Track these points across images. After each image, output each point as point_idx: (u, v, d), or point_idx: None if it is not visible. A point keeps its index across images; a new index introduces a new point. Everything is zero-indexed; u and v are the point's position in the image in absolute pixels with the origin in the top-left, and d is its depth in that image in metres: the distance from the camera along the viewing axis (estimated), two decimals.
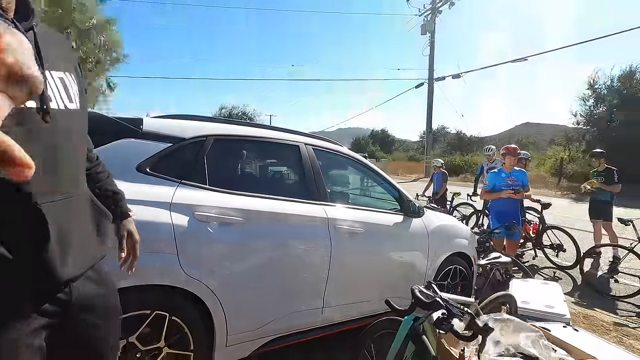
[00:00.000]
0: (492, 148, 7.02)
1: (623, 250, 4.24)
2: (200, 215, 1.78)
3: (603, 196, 5.34)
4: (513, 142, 7.64)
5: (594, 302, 3.86)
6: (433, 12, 23.14)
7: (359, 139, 48.00)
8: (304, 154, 2.37)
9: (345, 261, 2.34)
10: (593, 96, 18.91)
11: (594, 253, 4.57)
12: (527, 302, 2.64)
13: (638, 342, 3.02)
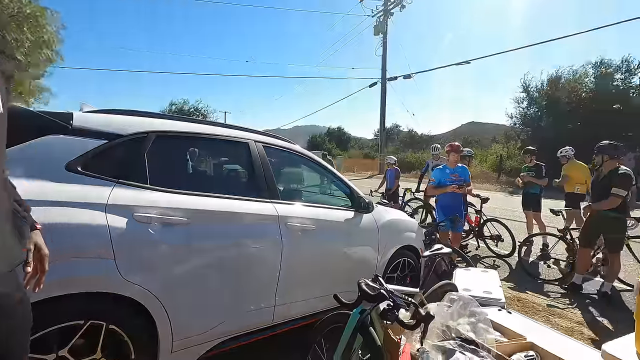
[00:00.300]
0: (438, 147, 7.41)
1: (553, 237, 4.68)
2: (140, 217, 1.68)
3: (533, 189, 5.88)
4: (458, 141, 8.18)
5: (527, 286, 4.24)
6: (385, 13, 23.86)
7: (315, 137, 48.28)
8: (254, 151, 2.33)
9: (296, 258, 2.34)
10: (526, 99, 20.71)
11: (528, 242, 5.01)
12: (468, 289, 2.83)
13: (562, 320, 3.37)
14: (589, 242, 4.04)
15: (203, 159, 2.83)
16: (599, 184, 3.96)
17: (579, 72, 19.39)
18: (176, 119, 2.19)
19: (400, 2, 23.27)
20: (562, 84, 19.39)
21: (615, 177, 3.79)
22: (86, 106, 2.00)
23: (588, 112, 17.38)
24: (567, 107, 18.28)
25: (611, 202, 3.73)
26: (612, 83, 18.30)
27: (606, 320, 3.42)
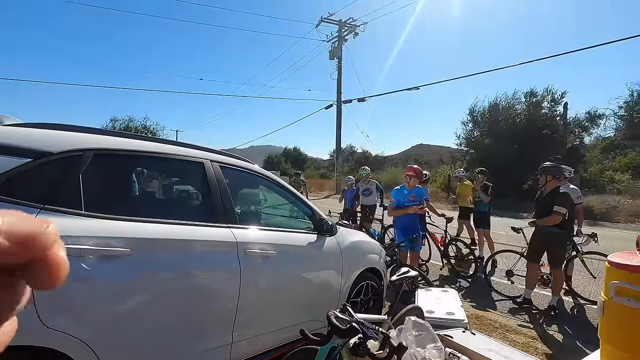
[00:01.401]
0: (367, 169, 7.52)
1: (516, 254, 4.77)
2: (70, 249, 1.42)
3: (483, 208, 6.19)
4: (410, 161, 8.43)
5: (484, 303, 4.34)
6: (339, 39, 24.79)
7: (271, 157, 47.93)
8: (210, 172, 2.14)
9: (257, 287, 2.15)
10: (471, 122, 22.36)
11: (490, 260, 5.12)
12: (432, 312, 2.80)
13: (518, 336, 3.45)
14: (536, 257, 4.26)
15: (151, 181, 2.56)
16: (542, 202, 4.23)
17: (514, 99, 21.41)
18: (119, 135, 1.95)
19: (353, 30, 24.36)
20: (501, 110, 21.24)
21: (557, 195, 4.07)
22: (7, 118, 1.71)
23: (522, 136, 19.11)
24: (505, 130, 19.98)
25: (553, 219, 3.98)
26: (541, 110, 20.41)
27: (557, 333, 3.57)
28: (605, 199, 14.02)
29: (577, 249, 4.41)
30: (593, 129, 22.35)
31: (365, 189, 7.33)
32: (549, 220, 4.01)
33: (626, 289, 1.28)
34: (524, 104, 20.97)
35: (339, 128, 26.15)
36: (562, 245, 4.19)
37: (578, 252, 4.39)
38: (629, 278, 1.27)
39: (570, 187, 4.78)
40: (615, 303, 1.32)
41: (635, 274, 1.25)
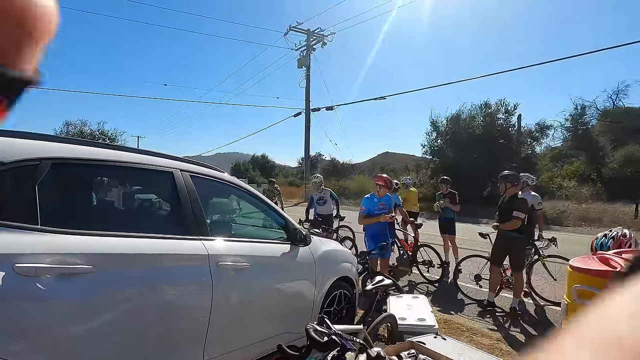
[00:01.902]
0: (319, 177, 7.28)
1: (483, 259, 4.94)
2: (23, 268, 1.29)
3: (448, 215, 6.43)
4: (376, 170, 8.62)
5: (451, 308, 4.48)
6: (308, 48, 25.04)
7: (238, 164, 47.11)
8: (180, 182, 2.05)
9: (229, 301, 2.07)
10: (434, 132, 23.29)
11: (460, 265, 5.29)
12: (404, 319, 2.85)
13: (484, 338, 3.59)
14: (498, 261, 4.47)
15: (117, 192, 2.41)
16: (503, 208, 4.47)
17: (473, 111, 22.62)
18: (81, 143, 1.83)
19: (321, 40, 24.71)
20: (461, 121, 22.33)
21: (516, 201, 4.31)
22: None
23: (481, 145, 20.18)
24: (466, 140, 21.01)
25: (513, 224, 4.21)
26: (497, 121, 21.70)
27: (520, 334, 3.75)
28: (555, 204, 15.08)
29: (539, 253, 4.67)
30: (543, 139, 24.16)
31: (319, 197, 7.01)
32: (510, 225, 4.23)
33: (588, 292, 1.35)
34: (481, 116, 22.21)
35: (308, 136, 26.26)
36: (521, 250, 4.43)
37: (540, 256, 4.66)
38: (590, 282, 1.34)
39: (532, 194, 5.08)
40: (577, 305, 1.39)
41: (596, 277, 1.33)
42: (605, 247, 2.16)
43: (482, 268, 4.90)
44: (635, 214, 12.94)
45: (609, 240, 2.19)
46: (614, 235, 2.20)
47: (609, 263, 1.41)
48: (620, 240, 2.17)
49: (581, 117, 22.84)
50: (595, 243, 2.27)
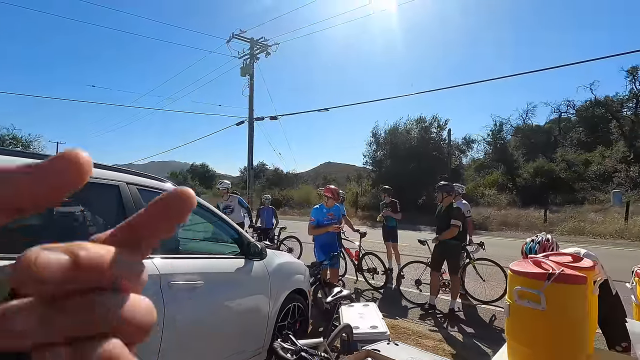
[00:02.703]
0: (226, 183, 6.96)
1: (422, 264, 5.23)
2: None
3: (391, 223, 6.76)
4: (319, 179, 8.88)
5: (396, 313, 4.68)
6: (251, 57, 24.80)
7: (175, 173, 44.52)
8: (127, 197, 1.90)
9: (183, 323, 1.95)
10: (375, 143, 24.43)
11: (401, 271, 5.54)
12: (357, 327, 2.91)
13: (428, 340, 3.81)
14: (437, 266, 4.81)
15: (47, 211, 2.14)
16: (440, 217, 4.83)
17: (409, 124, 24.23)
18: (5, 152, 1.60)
19: (265, 49, 24.65)
20: (399, 133, 23.76)
21: (452, 210, 4.69)
22: None
23: (416, 157, 21.64)
24: (403, 152, 22.37)
25: (452, 232, 4.57)
26: (430, 135, 23.51)
27: (458, 334, 4.05)
28: (480, 210, 16.66)
29: (470, 257, 5.11)
30: (469, 152, 26.68)
31: (226, 206, 6.52)
32: (449, 234, 4.58)
33: (526, 293, 1.50)
34: (416, 129, 23.88)
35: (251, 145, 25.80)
36: (457, 254, 4.82)
37: (471, 259, 5.09)
38: (528, 283, 1.50)
39: (463, 202, 5.56)
40: (518, 305, 1.55)
41: (533, 279, 1.49)
42: (533, 251, 2.45)
43: (421, 273, 5.22)
44: (545, 218, 14.80)
45: (536, 244, 2.50)
46: (540, 240, 2.52)
47: (541, 266, 1.58)
48: (545, 245, 2.49)
49: (499, 133, 25.69)
50: (525, 248, 2.57)
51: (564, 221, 14.20)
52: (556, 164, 21.68)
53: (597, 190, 18.89)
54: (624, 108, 22.62)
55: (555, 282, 1.38)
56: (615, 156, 20.45)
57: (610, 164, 20.14)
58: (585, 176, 20.57)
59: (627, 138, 20.97)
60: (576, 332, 1.42)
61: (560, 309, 1.42)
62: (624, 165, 19.31)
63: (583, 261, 1.57)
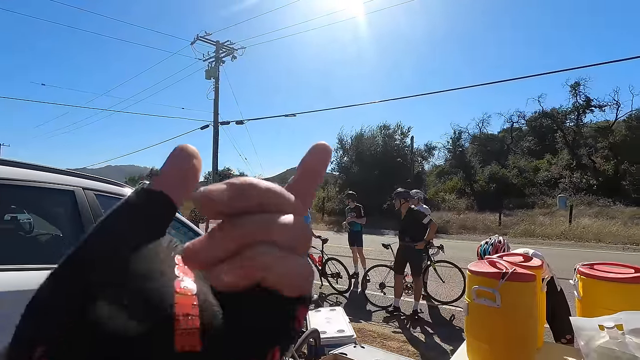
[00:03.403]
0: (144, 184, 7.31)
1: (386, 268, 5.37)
2: None
3: (356, 228, 6.87)
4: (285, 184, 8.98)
5: (360, 316, 4.76)
6: (217, 60, 24.33)
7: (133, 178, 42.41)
8: (83, 203, 1.79)
9: None
10: (341, 149, 24.76)
11: (366, 275, 5.63)
12: (325, 332, 2.94)
13: (393, 342, 3.90)
14: (400, 269, 4.95)
15: None
16: (403, 222, 4.97)
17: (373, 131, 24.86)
18: None
19: (231, 53, 24.30)
20: (364, 140, 24.29)
21: (415, 213, 4.87)
22: None
23: (381, 163, 22.22)
24: (368, 157, 22.89)
25: (433, 228, 4.73)
26: (394, 142, 24.26)
27: (421, 334, 4.18)
28: (441, 215, 17.38)
29: (430, 259, 5.31)
30: (430, 158, 27.80)
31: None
32: (432, 234, 4.76)
33: (483, 292, 1.59)
34: (380, 136, 24.55)
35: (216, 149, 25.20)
36: (419, 257, 4.98)
37: (431, 262, 5.29)
38: (485, 283, 1.60)
39: (424, 207, 5.78)
40: (477, 304, 1.63)
41: (489, 279, 1.58)
42: (487, 253, 2.61)
43: (385, 276, 5.35)
44: (499, 221, 15.72)
45: (489, 246, 2.66)
46: (493, 242, 2.68)
47: (496, 265, 1.69)
48: (497, 246, 2.66)
49: (458, 140, 27.01)
50: (480, 250, 2.73)
51: (517, 224, 15.16)
52: (509, 170, 23.15)
53: (545, 195, 20.38)
54: (567, 119, 24.64)
55: (509, 280, 1.48)
56: (561, 163, 22.22)
57: (556, 171, 21.84)
58: (534, 182, 22.14)
59: (571, 147, 22.87)
60: (528, 327, 1.52)
61: (513, 305, 1.52)
62: (568, 172, 21.04)
63: (532, 260, 1.70)
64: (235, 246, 0.19)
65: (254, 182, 0.21)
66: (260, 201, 0.21)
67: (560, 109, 24.77)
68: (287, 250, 0.20)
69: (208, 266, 0.20)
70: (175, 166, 0.22)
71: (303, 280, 0.20)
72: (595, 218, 14.45)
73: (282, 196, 0.22)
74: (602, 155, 21.34)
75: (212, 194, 0.20)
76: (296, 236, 0.21)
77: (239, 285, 0.19)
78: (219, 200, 0.20)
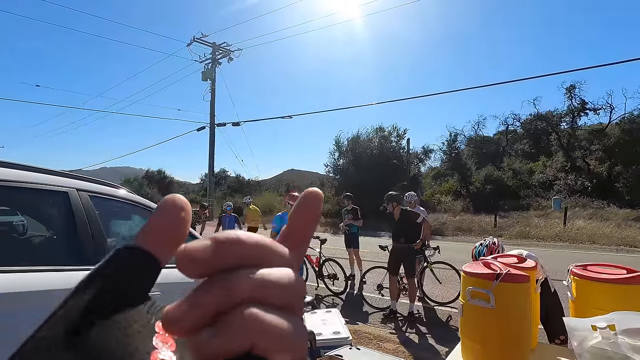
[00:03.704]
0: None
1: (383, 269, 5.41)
2: None
3: (353, 229, 6.88)
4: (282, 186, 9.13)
5: (357, 318, 4.75)
6: (213, 62, 24.31)
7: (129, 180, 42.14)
8: (77, 204, 1.78)
9: None
10: (337, 151, 24.79)
11: (363, 277, 5.65)
12: (320, 334, 2.93)
13: (389, 343, 3.90)
14: (395, 270, 4.95)
15: None
16: (397, 224, 4.97)
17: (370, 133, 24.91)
18: None
19: (228, 55, 24.29)
20: (360, 142, 24.33)
21: (408, 213, 4.89)
22: None
23: (378, 165, 22.26)
24: (365, 159, 22.92)
25: (427, 228, 4.77)
26: (390, 144, 24.32)
27: (417, 336, 4.19)
28: (437, 216, 17.43)
29: (427, 260, 5.32)
30: (426, 160, 27.92)
31: None
32: (427, 232, 4.82)
33: (477, 293, 1.60)
34: (377, 138, 24.61)
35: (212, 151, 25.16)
36: (412, 258, 4.97)
37: (428, 263, 5.30)
38: (479, 284, 1.60)
39: (420, 209, 5.80)
40: (471, 305, 1.64)
41: (484, 280, 1.59)
42: (481, 254, 2.62)
43: (383, 278, 5.35)
44: (495, 223, 15.79)
45: (484, 248, 2.68)
46: (487, 244, 2.70)
47: (490, 267, 1.69)
48: (492, 248, 2.68)
49: (454, 143, 27.13)
50: (475, 251, 2.74)
51: (512, 226, 15.24)
52: (504, 172, 23.29)
53: (540, 197, 20.51)
54: (562, 122, 24.85)
55: (503, 281, 1.49)
56: (555, 166, 22.39)
57: (551, 173, 22.00)
58: (529, 184, 22.29)
59: (565, 149, 23.06)
60: (521, 328, 1.53)
61: (507, 306, 1.53)
62: (562, 174, 21.20)
63: (526, 262, 1.71)
64: (221, 307, 0.17)
65: (242, 237, 0.19)
66: (250, 258, 0.19)
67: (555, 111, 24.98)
68: (281, 310, 0.18)
69: (190, 333, 0.17)
70: (163, 220, 0.20)
71: (298, 345, 0.18)
72: (590, 220, 14.56)
73: (274, 250, 0.20)
74: (596, 158, 21.53)
75: (195, 254, 0.18)
76: (291, 294, 0.19)
77: (225, 354, 0.17)
78: (202, 260, 0.18)
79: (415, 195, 6.18)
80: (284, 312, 0.18)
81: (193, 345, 0.17)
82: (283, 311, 0.18)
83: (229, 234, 0.19)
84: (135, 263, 0.19)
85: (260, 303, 0.18)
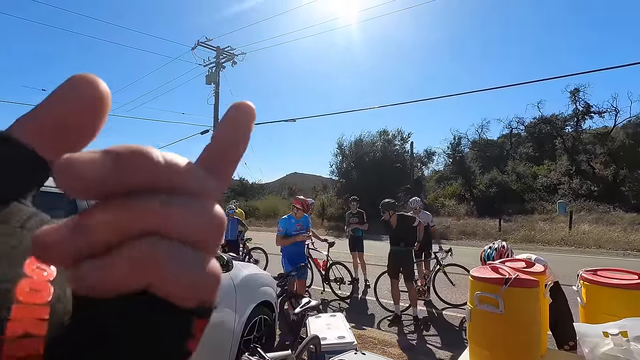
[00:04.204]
0: None
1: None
2: None
3: (357, 233, 6.86)
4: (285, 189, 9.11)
5: (363, 322, 4.72)
6: (217, 65, 24.45)
7: None
8: (82, 205, 1.78)
9: None
10: (340, 154, 24.80)
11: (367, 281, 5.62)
12: (325, 338, 2.91)
13: (394, 348, 3.87)
14: (394, 274, 4.91)
15: None
16: (396, 230, 4.92)
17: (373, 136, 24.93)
18: None
19: (232, 58, 24.42)
20: (364, 145, 24.34)
21: (404, 218, 4.88)
22: None
23: (381, 168, 22.24)
24: (368, 163, 22.91)
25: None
26: (394, 147, 24.30)
27: (422, 341, 4.15)
28: (441, 220, 17.35)
29: (440, 263, 5.28)
30: (430, 164, 27.85)
31: None
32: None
33: (486, 298, 1.58)
34: (380, 141, 24.60)
35: None
36: (410, 262, 4.93)
37: (441, 265, 5.27)
38: (488, 288, 1.58)
39: (425, 213, 5.77)
40: (479, 310, 1.62)
41: (492, 285, 1.57)
42: (490, 258, 2.60)
43: None
44: (499, 227, 15.69)
45: (493, 251, 2.65)
46: (496, 247, 2.68)
47: (499, 271, 1.67)
48: (501, 251, 2.65)
49: (458, 146, 27.05)
50: (483, 255, 2.72)
51: (516, 230, 15.13)
52: (508, 176, 23.17)
53: (544, 201, 20.36)
54: (567, 126, 24.72)
55: (512, 286, 1.47)
56: (560, 170, 22.24)
57: (555, 177, 21.85)
58: (534, 188, 22.14)
59: (570, 153, 22.91)
60: (531, 333, 1.51)
61: (516, 311, 1.50)
62: (567, 178, 21.05)
63: (535, 266, 1.69)
64: (112, 237, 0.14)
65: (145, 150, 0.15)
66: (155, 178, 0.15)
67: (559, 115, 24.85)
68: (189, 245, 0.15)
69: (69, 263, 0.14)
70: (60, 105, 0.15)
71: (205, 289, 0.15)
72: (595, 224, 14.43)
73: (188, 172, 0.16)
74: (602, 162, 21.37)
75: (82, 168, 0.14)
76: (206, 229, 0.15)
77: (112, 290, 0.14)
78: (92, 178, 0.14)
79: (420, 200, 6.16)
80: (194, 250, 0.15)
81: (71, 278, 0.14)
82: (193, 249, 0.15)
83: (131, 145, 0.15)
84: (12, 157, 0.15)
85: (164, 237, 0.14)
